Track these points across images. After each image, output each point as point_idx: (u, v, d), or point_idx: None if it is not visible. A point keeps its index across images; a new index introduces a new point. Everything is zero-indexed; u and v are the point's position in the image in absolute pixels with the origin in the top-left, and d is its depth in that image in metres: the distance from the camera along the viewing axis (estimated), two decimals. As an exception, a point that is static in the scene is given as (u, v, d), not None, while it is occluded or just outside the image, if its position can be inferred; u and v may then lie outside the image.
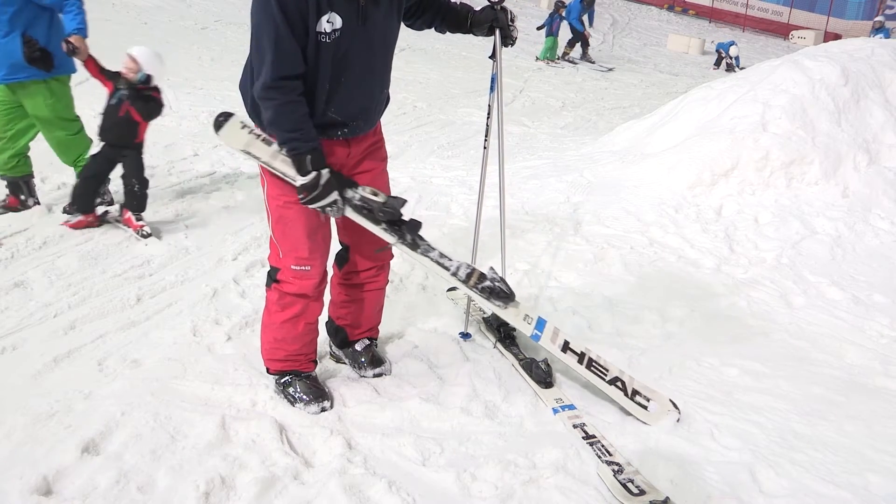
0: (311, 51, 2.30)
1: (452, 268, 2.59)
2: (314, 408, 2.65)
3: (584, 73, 14.21)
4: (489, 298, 2.59)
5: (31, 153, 4.40)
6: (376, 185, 2.65)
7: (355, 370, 2.96)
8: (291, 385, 2.71)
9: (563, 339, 2.76)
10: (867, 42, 6.99)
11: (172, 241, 4.16)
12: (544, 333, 2.72)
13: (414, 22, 2.71)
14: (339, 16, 2.29)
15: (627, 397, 2.68)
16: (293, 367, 2.72)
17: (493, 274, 2.65)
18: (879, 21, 17.15)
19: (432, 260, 2.56)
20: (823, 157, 5.48)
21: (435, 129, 8.39)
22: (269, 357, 2.74)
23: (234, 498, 2.21)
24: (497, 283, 2.62)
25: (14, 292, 3.39)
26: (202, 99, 7.96)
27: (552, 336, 2.74)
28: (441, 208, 5.10)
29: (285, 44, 2.22)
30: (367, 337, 2.99)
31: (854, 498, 2.36)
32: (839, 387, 3.09)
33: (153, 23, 12.34)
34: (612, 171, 6.01)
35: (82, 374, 2.80)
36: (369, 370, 2.93)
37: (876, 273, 4.38)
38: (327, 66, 2.35)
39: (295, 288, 2.57)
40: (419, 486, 2.32)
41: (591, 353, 2.78)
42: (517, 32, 2.76)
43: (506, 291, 2.63)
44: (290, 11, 2.20)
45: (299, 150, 2.33)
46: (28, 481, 2.16)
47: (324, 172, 2.35)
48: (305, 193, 2.36)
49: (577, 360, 2.72)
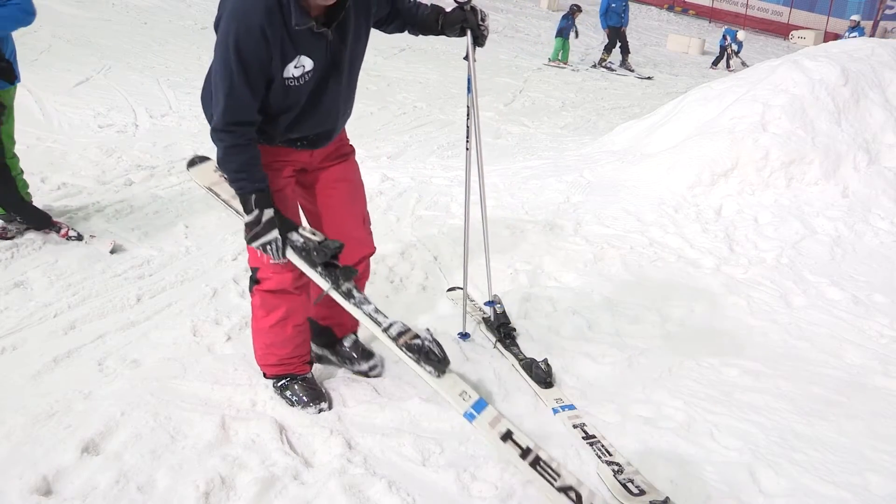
0: (277, 92, 2.29)
1: (385, 324, 2.40)
2: (312, 409, 2.65)
3: (584, 73, 14.21)
4: (419, 363, 2.31)
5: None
6: (346, 175, 2.71)
7: (346, 367, 2.97)
8: (288, 388, 2.71)
9: (506, 428, 2.27)
10: (867, 42, 6.99)
11: (172, 241, 4.16)
12: (481, 416, 2.26)
13: (386, 27, 2.69)
14: (309, 58, 2.28)
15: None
16: (287, 370, 2.72)
17: (428, 335, 2.38)
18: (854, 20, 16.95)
19: (365, 313, 2.43)
20: (823, 157, 5.48)
21: (434, 129, 8.39)
22: (262, 363, 2.74)
23: (233, 498, 2.21)
24: (429, 343, 2.34)
25: (14, 292, 3.39)
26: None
27: (492, 421, 2.27)
28: (441, 208, 5.10)
29: (237, 92, 2.19)
30: (353, 332, 3.01)
31: (854, 498, 2.36)
32: (839, 387, 3.09)
33: (153, 23, 12.34)
34: (611, 171, 6.01)
35: (82, 374, 2.80)
36: (364, 363, 2.94)
37: (876, 273, 4.38)
38: (295, 103, 2.36)
39: (275, 283, 2.55)
40: (419, 486, 2.32)
41: (541, 452, 2.24)
42: (488, 32, 2.72)
43: (437, 355, 2.32)
44: (248, 63, 2.16)
45: (245, 190, 2.35)
46: (28, 481, 2.16)
47: (267, 212, 2.36)
48: (247, 230, 2.39)
49: (519, 454, 2.20)
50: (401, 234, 4.54)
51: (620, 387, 2.98)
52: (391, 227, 4.67)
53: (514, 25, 18.93)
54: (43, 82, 7.57)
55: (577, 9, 15.08)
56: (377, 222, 4.72)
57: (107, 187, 4.93)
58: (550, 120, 9.73)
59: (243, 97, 2.21)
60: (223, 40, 2.16)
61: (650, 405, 2.84)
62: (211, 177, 2.71)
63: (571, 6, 15.18)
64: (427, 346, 2.32)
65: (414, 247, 4.33)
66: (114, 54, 9.54)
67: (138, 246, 4.04)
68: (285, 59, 2.23)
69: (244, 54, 2.14)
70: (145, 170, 5.36)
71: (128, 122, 6.83)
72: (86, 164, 5.36)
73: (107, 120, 6.78)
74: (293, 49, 2.23)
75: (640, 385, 2.99)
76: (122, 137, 6.30)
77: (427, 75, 11.53)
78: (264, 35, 2.14)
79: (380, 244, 4.33)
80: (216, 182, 2.72)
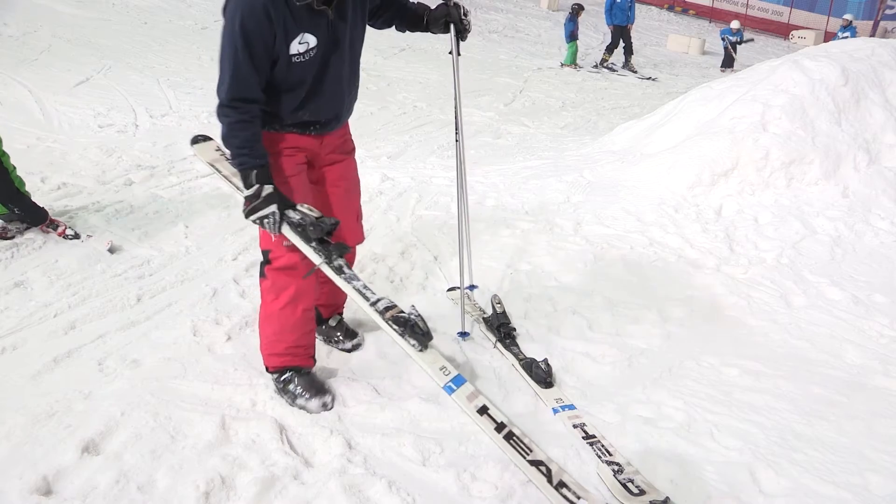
0: (283, 70, 2.40)
1: (372, 299, 2.48)
2: (316, 403, 2.66)
3: (584, 73, 14.20)
4: (404, 335, 2.39)
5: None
6: (346, 174, 2.85)
7: (331, 345, 3.14)
8: (291, 381, 2.71)
9: (483, 403, 2.40)
10: (867, 42, 6.98)
11: (172, 240, 4.16)
12: (460, 390, 2.38)
13: (375, 22, 2.83)
14: (312, 35, 2.39)
15: (551, 486, 2.23)
16: (293, 362, 2.72)
17: (413, 311, 2.47)
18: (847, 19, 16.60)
19: (354, 288, 2.51)
20: (823, 157, 5.48)
21: (435, 128, 8.39)
22: (269, 352, 2.74)
23: (233, 498, 2.21)
24: (414, 317, 2.43)
25: (14, 292, 3.39)
26: (202, 99, 7.96)
27: (469, 395, 2.40)
28: (441, 208, 5.10)
29: (243, 70, 2.31)
30: (337, 313, 3.18)
31: (853, 498, 2.36)
32: (839, 387, 3.09)
33: (153, 22, 12.35)
34: (611, 171, 6.02)
35: (82, 374, 2.80)
36: (347, 342, 3.13)
37: (876, 273, 4.38)
38: (301, 81, 2.46)
39: (286, 260, 2.59)
40: (419, 485, 2.32)
41: (514, 428, 2.38)
42: (471, 27, 2.88)
43: (421, 328, 2.41)
44: (253, 41, 2.28)
45: (246, 165, 2.42)
46: (28, 481, 2.16)
47: (266, 187, 2.43)
48: (247, 204, 2.45)
49: (494, 427, 2.33)
50: (401, 234, 4.54)
51: (620, 387, 2.98)
52: (391, 227, 4.67)
53: (514, 25, 18.91)
54: (43, 82, 7.55)
55: (579, 8, 14.94)
56: (377, 222, 4.74)
57: (107, 187, 4.93)
58: (550, 120, 9.73)
59: (248, 74, 2.31)
60: (230, 21, 2.28)
61: (650, 405, 2.84)
62: (212, 154, 2.91)
63: (573, 6, 15.03)
64: (413, 320, 2.40)
65: (414, 247, 4.33)
66: (114, 54, 9.54)
67: (138, 246, 4.04)
68: (289, 36, 2.34)
69: (248, 33, 2.27)
70: (145, 170, 5.36)
71: (128, 121, 6.83)
72: (86, 163, 5.36)
73: (107, 120, 6.78)
74: (295, 26, 2.35)
75: (640, 385, 2.99)
76: (122, 137, 6.30)
77: (427, 75, 11.53)
78: (267, 14, 2.26)
79: (380, 244, 4.35)
80: (217, 159, 2.92)
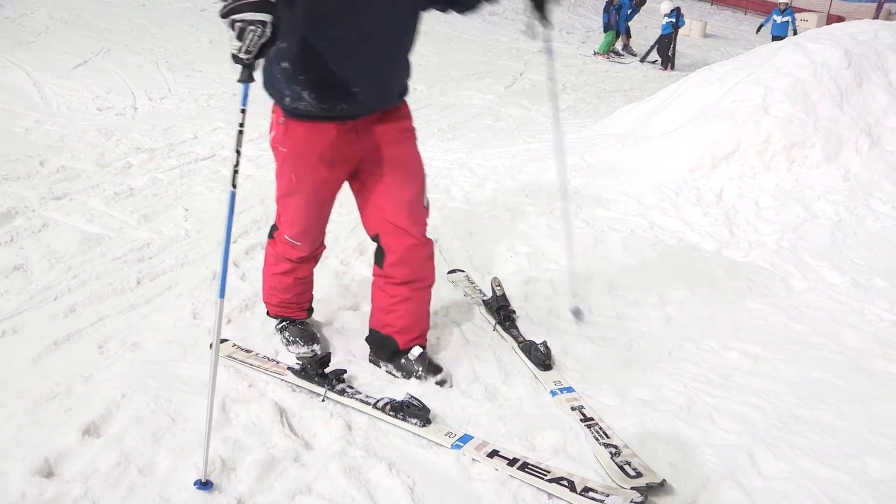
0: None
1: (373, 402, 2.56)
2: (304, 349, 2.83)
3: (585, 57, 14.12)
4: (405, 419, 2.47)
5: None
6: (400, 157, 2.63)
7: (410, 379, 2.79)
8: (287, 329, 2.97)
9: (491, 448, 2.40)
10: (870, 25, 6.93)
11: (172, 223, 4.15)
12: (467, 445, 2.40)
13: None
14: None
15: (576, 493, 2.22)
16: (286, 313, 2.98)
17: (407, 396, 2.51)
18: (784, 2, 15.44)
19: (358, 401, 2.59)
20: (825, 140, 5.46)
21: (435, 111, 8.35)
22: (266, 301, 3.02)
23: (234, 480, 2.22)
24: (408, 399, 2.48)
25: (14, 275, 3.39)
26: (201, 82, 7.92)
27: (478, 446, 2.41)
28: (441, 191, 5.08)
29: None
30: (419, 344, 2.80)
31: (852, 480, 2.37)
32: (838, 370, 3.09)
33: (151, 4, 12.26)
34: (612, 154, 5.99)
35: (82, 357, 2.80)
36: (430, 378, 2.76)
37: (876, 257, 4.38)
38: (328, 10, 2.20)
39: (282, 250, 2.81)
40: (419, 468, 2.33)
41: (529, 459, 2.36)
42: None
43: (417, 406, 2.46)
44: None
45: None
46: (30, 464, 2.17)
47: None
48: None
49: (507, 464, 2.32)
50: (401, 218, 4.51)
51: (620, 370, 2.98)
52: (391, 211, 4.65)
53: (514, 7, 18.78)
54: (41, 65, 7.50)
55: None
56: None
57: (106, 170, 4.92)
58: (551, 102, 9.68)
59: None
60: None
61: (650, 388, 2.85)
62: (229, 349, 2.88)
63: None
64: (407, 402, 2.50)
65: (414, 230, 4.31)
66: (112, 36, 9.48)
67: (138, 229, 4.03)
68: None
69: None
70: (144, 152, 5.34)
71: (127, 104, 6.80)
72: (85, 146, 5.34)
73: (105, 103, 6.75)
74: None
75: (639, 368, 3.00)
76: (121, 120, 6.28)
77: (428, 58, 11.47)
78: None
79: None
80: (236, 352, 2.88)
